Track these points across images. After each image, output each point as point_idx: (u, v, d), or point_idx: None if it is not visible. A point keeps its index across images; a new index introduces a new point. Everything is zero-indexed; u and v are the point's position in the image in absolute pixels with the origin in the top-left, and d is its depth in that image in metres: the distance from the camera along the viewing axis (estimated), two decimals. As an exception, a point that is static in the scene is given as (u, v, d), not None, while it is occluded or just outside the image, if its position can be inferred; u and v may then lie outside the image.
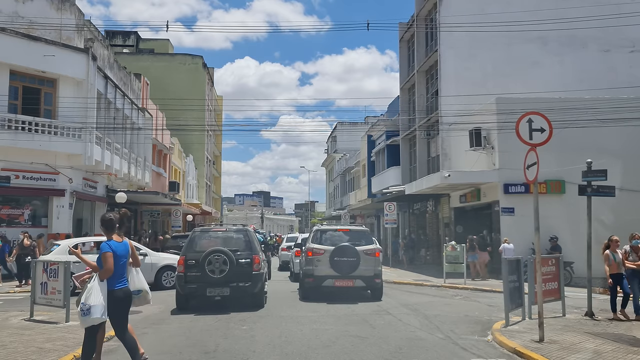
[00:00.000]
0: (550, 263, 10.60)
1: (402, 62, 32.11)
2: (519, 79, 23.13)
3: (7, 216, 18.97)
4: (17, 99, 18.72)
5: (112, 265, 5.97)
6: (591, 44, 23.95)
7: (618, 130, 18.18)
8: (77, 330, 8.76)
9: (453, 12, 24.16)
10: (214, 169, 60.87)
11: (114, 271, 6.03)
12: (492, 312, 11.20)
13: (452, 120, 22.58)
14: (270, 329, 9.21)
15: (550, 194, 18.70)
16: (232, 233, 12.18)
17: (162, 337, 8.70)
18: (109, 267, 5.96)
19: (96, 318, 5.87)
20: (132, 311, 11.16)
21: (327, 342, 8.11)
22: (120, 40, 48.54)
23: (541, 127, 8.21)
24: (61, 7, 21.07)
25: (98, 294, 5.90)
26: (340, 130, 56.27)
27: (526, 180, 8.44)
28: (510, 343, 7.79)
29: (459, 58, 24.44)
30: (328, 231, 13.99)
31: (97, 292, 5.91)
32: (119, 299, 6.08)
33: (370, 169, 35.86)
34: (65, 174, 19.48)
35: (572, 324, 9.54)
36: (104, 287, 5.98)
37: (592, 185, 10.62)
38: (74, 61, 19.66)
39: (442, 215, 26.04)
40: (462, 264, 17.06)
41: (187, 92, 41.21)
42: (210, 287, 11.25)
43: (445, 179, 19.66)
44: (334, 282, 12.86)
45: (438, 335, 8.73)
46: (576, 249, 16.68)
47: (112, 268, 5.97)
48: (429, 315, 10.80)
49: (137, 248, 15.88)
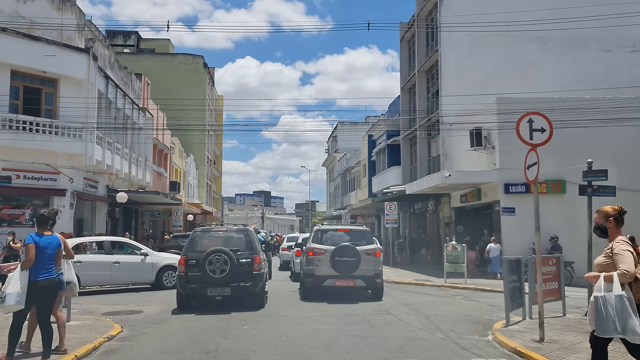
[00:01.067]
0: (550, 263, 10.61)
1: (402, 62, 32.11)
2: (520, 79, 23.14)
3: (8, 216, 18.97)
4: (18, 98, 18.72)
5: (32, 256, 6.46)
6: (591, 43, 23.95)
7: (618, 130, 18.17)
8: (79, 330, 8.79)
9: (453, 12, 24.17)
10: (215, 168, 60.90)
11: (38, 262, 6.53)
12: (492, 312, 11.21)
13: (452, 120, 22.60)
14: (271, 328, 9.22)
15: (551, 194, 18.71)
16: (233, 233, 12.20)
17: (163, 337, 8.71)
18: (29, 257, 6.46)
19: (9, 305, 6.37)
20: (133, 311, 11.27)
21: (328, 342, 8.12)
22: (121, 40, 48.56)
23: (542, 127, 8.21)
24: (62, 7, 21.08)
25: (16, 283, 6.42)
26: (340, 130, 56.29)
27: (527, 180, 8.45)
28: (511, 343, 7.79)
29: (459, 58, 24.45)
30: (329, 231, 13.99)
31: (15, 282, 6.43)
32: (42, 287, 6.56)
33: (371, 168, 35.87)
34: (66, 173, 19.49)
35: (573, 323, 9.54)
36: (25, 277, 6.46)
37: (593, 185, 10.64)
38: (75, 61, 19.66)
39: (443, 215, 26.04)
40: (463, 263, 17.08)
41: (187, 92, 41.21)
42: (211, 286, 11.26)
43: (446, 178, 19.67)
44: (334, 281, 12.87)
45: (438, 335, 8.74)
46: (576, 249, 16.69)
47: (32, 259, 6.46)
48: (430, 315, 10.81)
49: (138, 248, 15.99)
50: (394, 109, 36.72)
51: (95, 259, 14.91)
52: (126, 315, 10.87)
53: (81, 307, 11.52)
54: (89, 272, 14.34)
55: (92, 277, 14.53)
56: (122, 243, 16.49)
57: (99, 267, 14.67)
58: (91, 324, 9.38)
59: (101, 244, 15.67)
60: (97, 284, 15.09)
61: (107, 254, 15.09)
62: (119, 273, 14.99)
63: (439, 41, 24.84)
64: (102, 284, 15.27)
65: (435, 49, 25.39)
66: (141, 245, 16.93)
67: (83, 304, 12.14)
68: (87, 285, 14.72)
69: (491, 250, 18.70)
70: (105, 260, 14.87)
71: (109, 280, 15.13)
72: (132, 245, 16.23)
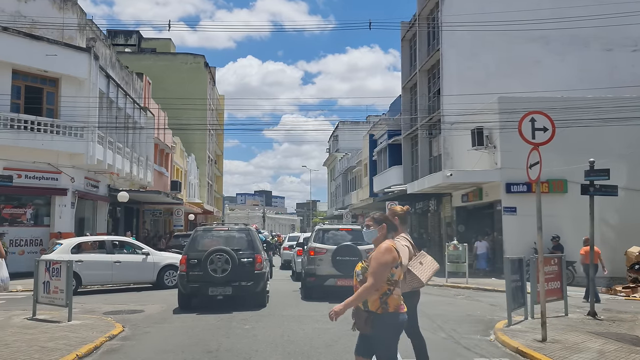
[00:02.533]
0: (552, 262, 10.58)
1: (404, 62, 32.07)
2: (521, 78, 23.09)
3: (9, 215, 18.99)
4: (19, 98, 18.74)
5: None
6: (593, 43, 23.90)
7: (620, 129, 18.12)
8: (80, 330, 8.78)
9: (455, 12, 24.13)
10: (216, 168, 60.91)
11: None
12: (494, 312, 11.19)
13: (454, 120, 22.57)
14: (272, 328, 9.21)
15: (553, 193, 18.66)
16: (234, 232, 12.18)
17: (165, 336, 8.70)
18: None
19: None
20: (134, 310, 11.26)
21: (330, 342, 8.10)
22: (122, 39, 48.59)
23: (544, 127, 8.18)
24: (63, 6, 21.10)
25: None
26: (342, 130, 56.25)
27: (529, 179, 8.42)
28: (513, 342, 7.77)
29: (461, 57, 24.41)
30: (330, 230, 13.98)
31: None
32: None
33: (372, 168, 35.85)
34: (68, 173, 19.51)
35: (575, 323, 9.52)
36: None
37: (595, 185, 10.60)
38: (76, 60, 19.67)
39: (444, 215, 26.02)
40: (465, 263, 17.05)
41: (188, 92, 41.24)
42: (213, 286, 11.25)
43: (447, 178, 19.64)
44: (336, 281, 12.85)
45: (441, 335, 8.72)
46: (578, 249, 16.64)
47: None
48: (432, 314, 10.78)
49: (139, 247, 15.98)
50: (395, 109, 36.69)
51: (96, 258, 14.91)
52: (127, 314, 10.86)
53: (82, 307, 11.52)
54: (90, 271, 14.37)
55: (94, 276, 14.54)
56: (124, 242, 16.49)
57: (100, 266, 14.67)
58: (92, 324, 9.37)
59: (102, 243, 15.67)
60: (98, 283, 15.09)
61: (108, 253, 15.08)
62: (120, 272, 14.98)
63: (441, 40, 24.80)
64: (104, 284, 15.26)
65: (437, 48, 25.35)
66: (142, 244, 16.92)
67: (84, 304, 12.14)
68: (88, 284, 14.74)
69: (478, 247, 19.78)
70: (107, 259, 14.86)
71: (110, 280, 15.12)
72: (133, 245, 16.22)
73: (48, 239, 18.80)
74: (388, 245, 4.29)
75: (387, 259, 4.19)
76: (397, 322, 4.22)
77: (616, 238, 17.82)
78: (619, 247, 16.56)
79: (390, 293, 4.18)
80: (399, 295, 4.26)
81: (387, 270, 4.17)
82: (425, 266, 5.52)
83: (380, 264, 4.18)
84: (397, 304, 4.22)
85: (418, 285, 5.45)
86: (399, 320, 4.23)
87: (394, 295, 4.20)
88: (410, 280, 5.34)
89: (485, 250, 19.81)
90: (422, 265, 5.50)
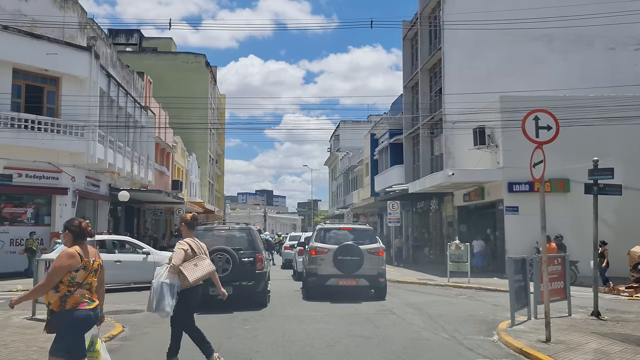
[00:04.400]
0: (556, 262, 10.50)
1: (405, 61, 32.00)
2: (524, 77, 23.01)
3: (10, 214, 18.95)
4: (20, 97, 18.69)
5: None
6: (596, 42, 23.82)
7: (623, 128, 18.04)
8: (79, 329, 8.71)
9: (457, 10, 24.05)
10: (217, 167, 60.88)
11: None
12: (497, 312, 11.11)
13: (455, 119, 22.50)
14: (273, 328, 9.14)
15: (555, 193, 18.56)
16: (235, 232, 12.12)
17: (165, 337, 8.60)
18: None
19: None
20: (134, 310, 11.19)
21: (331, 342, 8.04)
22: (123, 38, 48.56)
23: (548, 125, 8.11)
24: (64, 5, 21.03)
25: None
26: (343, 129, 56.17)
27: (532, 178, 8.34)
28: (517, 343, 7.70)
29: (462, 56, 24.34)
30: (332, 230, 13.91)
31: None
32: None
33: (374, 167, 35.78)
34: (68, 172, 19.45)
35: (579, 323, 9.45)
36: None
37: (599, 184, 10.52)
38: (77, 59, 19.62)
39: (446, 214, 25.94)
40: (466, 262, 16.97)
41: (190, 91, 41.19)
42: (213, 286, 11.14)
43: (449, 177, 19.55)
44: (337, 281, 12.78)
45: (443, 335, 8.65)
46: (580, 248, 16.60)
47: None
48: (434, 314, 10.71)
49: (140, 246, 15.91)
50: (396, 108, 36.63)
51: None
52: (127, 314, 10.81)
53: (82, 306, 11.44)
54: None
55: (94, 276, 14.45)
56: (124, 242, 16.42)
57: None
58: (92, 323, 9.29)
59: (103, 243, 15.60)
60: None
61: (108, 252, 15.01)
62: (120, 272, 14.92)
63: (442, 39, 24.72)
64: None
65: (439, 47, 25.28)
66: (143, 243, 16.85)
67: (84, 303, 12.06)
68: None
69: (475, 246, 20.53)
70: (107, 259, 14.76)
71: (111, 279, 15.00)
72: (133, 244, 16.16)
73: (49, 238, 18.74)
74: (70, 251, 4.64)
75: (63, 263, 4.56)
76: (72, 318, 4.62)
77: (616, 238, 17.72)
78: (619, 247, 16.45)
79: (71, 294, 4.60)
80: (82, 294, 4.66)
81: (62, 273, 4.54)
82: (198, 268, 6.31)
83: (55, 267, 4.60)
84: (77, 301, 4.63)
85: (186, 284, 6.12)
86: (74, 316, 4.62)
87: (76, 295, 4.62)
88: (182, 279, 6.11)
89: (480, 248, 21.11)
90: (195, 267, 6.28)
